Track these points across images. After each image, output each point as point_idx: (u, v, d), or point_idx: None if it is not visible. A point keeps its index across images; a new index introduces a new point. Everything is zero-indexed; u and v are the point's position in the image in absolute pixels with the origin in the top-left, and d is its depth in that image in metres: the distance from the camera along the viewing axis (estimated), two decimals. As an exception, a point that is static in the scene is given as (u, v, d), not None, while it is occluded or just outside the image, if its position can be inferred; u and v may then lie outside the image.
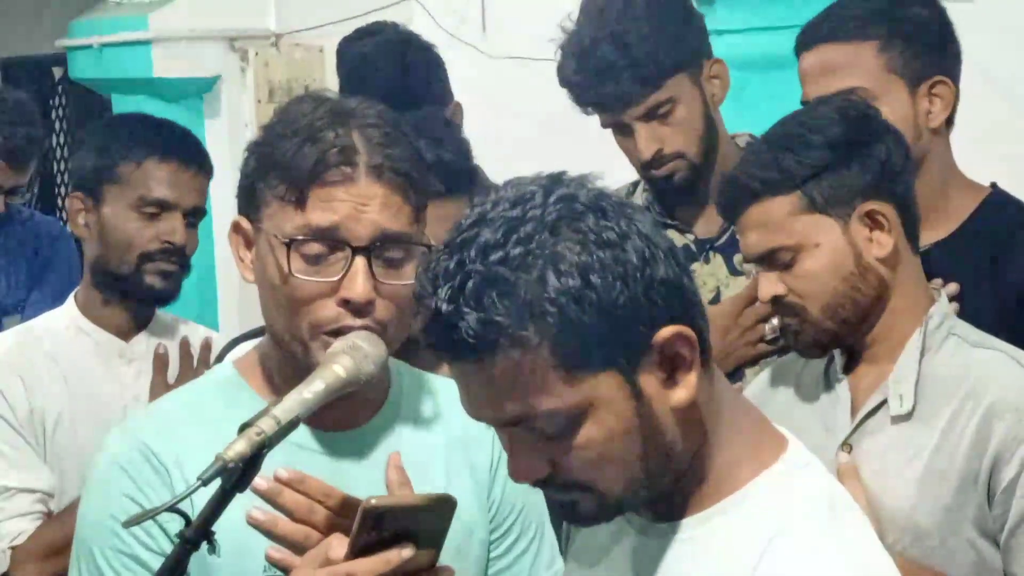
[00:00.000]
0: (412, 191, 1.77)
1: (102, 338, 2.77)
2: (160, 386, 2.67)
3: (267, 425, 1.54)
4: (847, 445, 2.12)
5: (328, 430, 1.82)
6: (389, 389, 1.88)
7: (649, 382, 1.42)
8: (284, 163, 1.74)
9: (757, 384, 2.34)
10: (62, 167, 6.24)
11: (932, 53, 2.42)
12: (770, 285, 2.14)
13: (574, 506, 1.47)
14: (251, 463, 1.52)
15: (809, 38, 2.47)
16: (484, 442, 1.90)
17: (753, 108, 2.87)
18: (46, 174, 6.20)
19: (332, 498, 1.60)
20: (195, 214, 2.74)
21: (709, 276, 2.68)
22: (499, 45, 4.42)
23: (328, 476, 1.66)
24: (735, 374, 2.51)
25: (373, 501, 1.52)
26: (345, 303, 1.73)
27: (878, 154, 2.11)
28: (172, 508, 1.50)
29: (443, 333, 1.38)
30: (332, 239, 1.73)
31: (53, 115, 6.15)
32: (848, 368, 2.17)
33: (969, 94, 2.49)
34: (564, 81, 2.65)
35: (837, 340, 2.15)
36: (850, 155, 2.10)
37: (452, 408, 1.88)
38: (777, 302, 2.15)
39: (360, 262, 1.72)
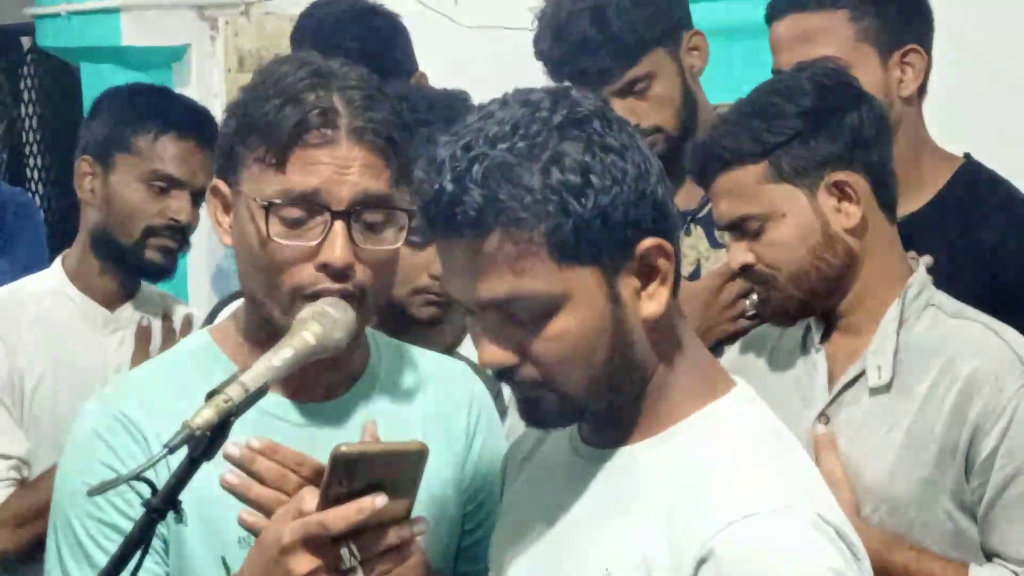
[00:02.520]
0: (393, 154, 1.75)
1: (87, 306, 2.76)
2: (141, 358, 2.66)
3: (235, 392, 1.52)
4: (824, 416, 2.11)
5: (305, 401, 1.80)
6: (367, 360, 1.87)
7: (626, 288, 1.51)
8: (264, 125, 1.72)
9: (733, 353, 2.33)
10: (31, 138, 6.19)
11: (904, 22, 2.42)
12: (740, 253, 2.14)
13: (537, 404, 1.55)
14: (219, 431, 1.50)
15: (780, 7, 2.47)
16: (461, 414, 1.90)
17: (732, 76, 2.86)
18: (15, 144, 6.15)
19: (305, 467, 1.60)
20: (201, 194, 2.72)
21: (690, 249, 2.66)
22: (471, 15, 4.40)
23: (304, 447, 1.65)
24: (715, 350, 2.47)
25: (343, 448, 1.51)
26: (324, 267, 1.71)
27: (848, 123, 2.10)
28: (139, 476, 1.48)
29: (444, 209, 1.47)
30: (312, 202, 1.71)
31: (22, 85, 6.10)
32: (825, 338, 2.17)
33: (944, 62, 2.48)
34: (539, 55, 2.63)
35: (805, 309, 2.14)
36: (819, 124, 2.09)
37: (430, 380, 1.90)
38: (747, 271, 2.15)
39: (339, 226, 1.71)
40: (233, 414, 1.51)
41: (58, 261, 2.80)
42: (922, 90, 2.42)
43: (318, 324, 1.64)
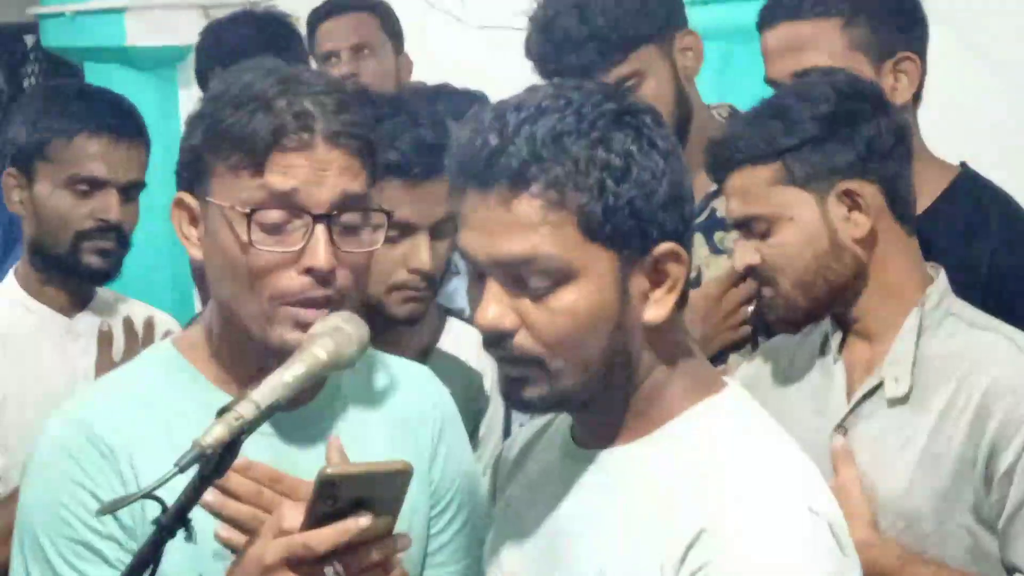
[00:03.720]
0: (369, 156, 1.75)
1: (46, 315, 2.69)
2: (105, 364, 2.60)
3: (246, 410, 1.51)
4: (842, 428, 2.10)
5: None
6: None
7: (635, 287, 1.54)
8: (237, 133, 1.70)
9: (750, 364, 2.31)
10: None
11: (897, 29, 2.40)
12: (746, 254, 2.13)
13: (524, 383, 1.55)
14: (229, 449, 1.49)
15: (771, 15, 2.45)
16: (426, 421, 1.90)
17: (738, 78, 2.85)
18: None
19: (280, 482, 1.60)
20: (132, 188, 2.65)
21: (690, 255, 2.65)
22: (477, 14, 4.41)
23: (272, 457, 1.66)
24: (718, 358, 2.48)
25: (329, 470, 1.51)
26: (308, 272, 1.70)
27: (864, 133, 2.09)
28: (149, 495, 1.46)
29: (485, 160, 1.49)
30: (292, 205, 1.70)
31: (26, 83, 6.11)
32: (842, 347, 2.15)
33: (944, 63, 2.47)
34: (528, 54, 2.61)
35: (809, 316, 2.14)
36: (834, 132, 2.08)
37: (394, 386, 1.90)
38: (752, 271, 2.14)
39: (321, 230, 1.70)
40: (244, 432, 1.50)
41: (11, 274, 2.73)
42: (917, 97, 2.41)
43: (330, 339, 1.63)
